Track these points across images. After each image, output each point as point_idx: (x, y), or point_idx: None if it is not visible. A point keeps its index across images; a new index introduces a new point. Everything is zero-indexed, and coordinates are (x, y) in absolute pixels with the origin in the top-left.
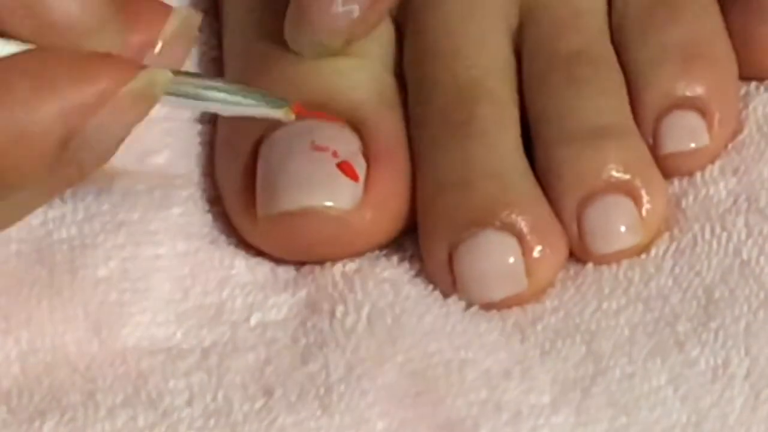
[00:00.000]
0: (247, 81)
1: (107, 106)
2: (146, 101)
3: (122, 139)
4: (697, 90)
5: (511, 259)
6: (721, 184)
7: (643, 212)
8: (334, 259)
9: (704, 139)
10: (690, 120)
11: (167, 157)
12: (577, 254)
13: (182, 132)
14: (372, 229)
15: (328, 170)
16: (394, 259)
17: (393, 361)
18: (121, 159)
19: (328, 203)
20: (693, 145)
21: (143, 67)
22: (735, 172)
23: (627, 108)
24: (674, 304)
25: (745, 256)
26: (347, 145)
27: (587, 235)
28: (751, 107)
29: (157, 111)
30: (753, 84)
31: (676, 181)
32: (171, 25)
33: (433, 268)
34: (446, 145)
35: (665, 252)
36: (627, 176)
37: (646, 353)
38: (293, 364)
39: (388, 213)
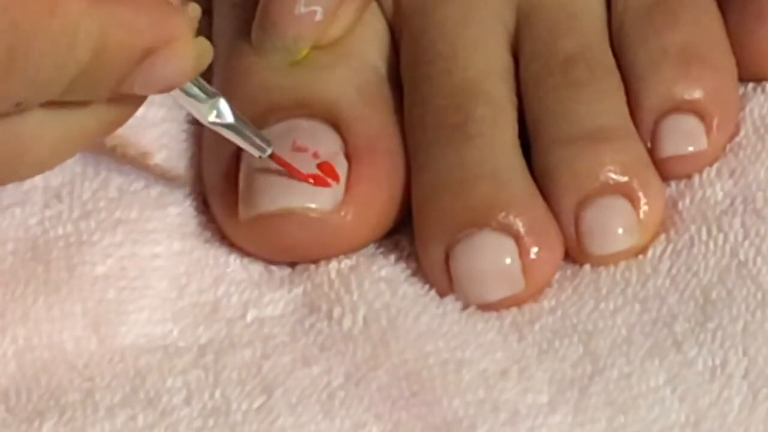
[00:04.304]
0: (228, 76)
1: (175, 45)
2: (195, 65)
3: (146, 96)
4: (696, 93)
5: (508, 260)
6: (718, 186)
7: (641, 214)
8: (318, 260)
9: (703, 143)
10: (689, 124)
11: (164, 158)
12: (575, 256)
13: (179, 134)
14: (354, 230)
15: (308, 171)
16: (391, 257)
17: (387, 364)
18: (118, 159)
19: (309, 204)
20: (691, 148)
21: None
22: (732, 173)
23: (625, 110)
24: (671, 305)
25: (742, 257)
26: (328, 145)
27: (584, 236)
28: (747, 109)
29: (155, 114)
30: (750, 85)
31: (673, 183)
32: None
33: (430, 269)
34: (443, 146)
35: (662, 253)
36: (624, 178)
37: (643, 353)
38: (294, 364)
39: (369, 213)
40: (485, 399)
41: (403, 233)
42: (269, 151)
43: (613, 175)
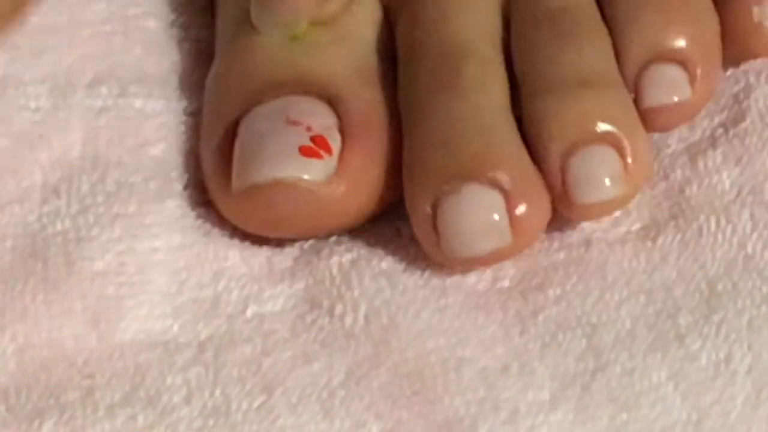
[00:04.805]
0: (227, 57)
1: None
2: None
3: None
4: (679, 42)
5: (495, 213)
6: (725, 174)
7: (628, 163)
8: (308, 235)
9: (686, 93)
10: (672, 73)
11: (162, 150)
12: (561, 207)
13: (177, 126)
14: (345, 204)
15: (300, 143)
16: (391, 246)
17: (389, 363)
18: (115, 151)
19: (300, 176)
20: (675, 98)
21: None
22: (738, 161)
23: (612, 60)
24: (677, 297)
25: (749, 250)
26: (322, 119)
27: (571, 185)
28: (752, 98)
29: (153, 106)
30: (753, 76)
31: (678, 169)
32: None
33: (417, 224)
34: (433, 103)
35: (671, 242)
36: (611, 127)
37: (646, 347)
38: (294, 361)
39: (361, 187)
40: (486, 398)
41: (403, 220)
42: None
43: (599, 124)
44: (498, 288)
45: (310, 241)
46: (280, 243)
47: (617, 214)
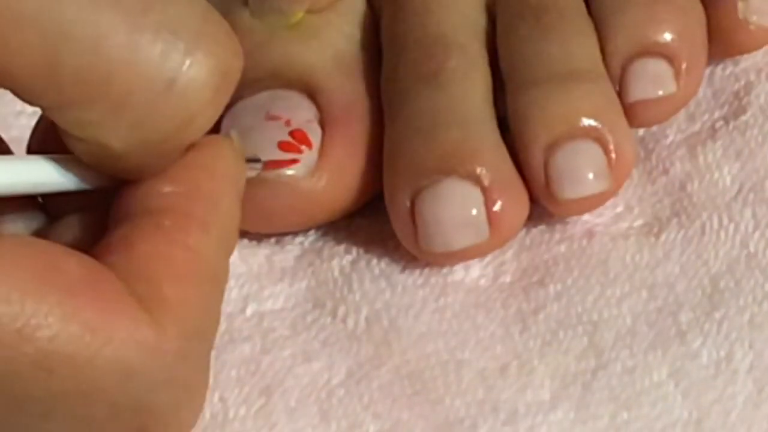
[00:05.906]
0: None
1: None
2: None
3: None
4: (664, 37)
5: (473, 208)
6: (725, 169)
7: (611, 158)
8: (294, 229)
9: (671, 87)
10: (657, 67)
11: None
12: (544, 202)
13: None
14: (327, 196)
15: (279, 138)
16: (390, 244)
17: (390, 364)
18: None
19: (282, 171)
20: (660, 92)
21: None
22: (738, 155)
23: (597, 54)
24: (679, 293)
25: (752, 249)
26: (302, 113)
27: (554, 180)
28: (753, 94)
29: None
30: (753, 74)
31: (678, 163)
32: None
33: (395, 216)
34: (415, 96)
35: (674, 239)
36: (595, 122)
37: (647, 345)
38: (294, 359)
39: (343, 179)
40: (485, 399)
41: None
42: (261, 161)
43: (583, 118)
44: (500, 283)
45: (310, 239)
46: (279, 241)
47: (619, 209)
